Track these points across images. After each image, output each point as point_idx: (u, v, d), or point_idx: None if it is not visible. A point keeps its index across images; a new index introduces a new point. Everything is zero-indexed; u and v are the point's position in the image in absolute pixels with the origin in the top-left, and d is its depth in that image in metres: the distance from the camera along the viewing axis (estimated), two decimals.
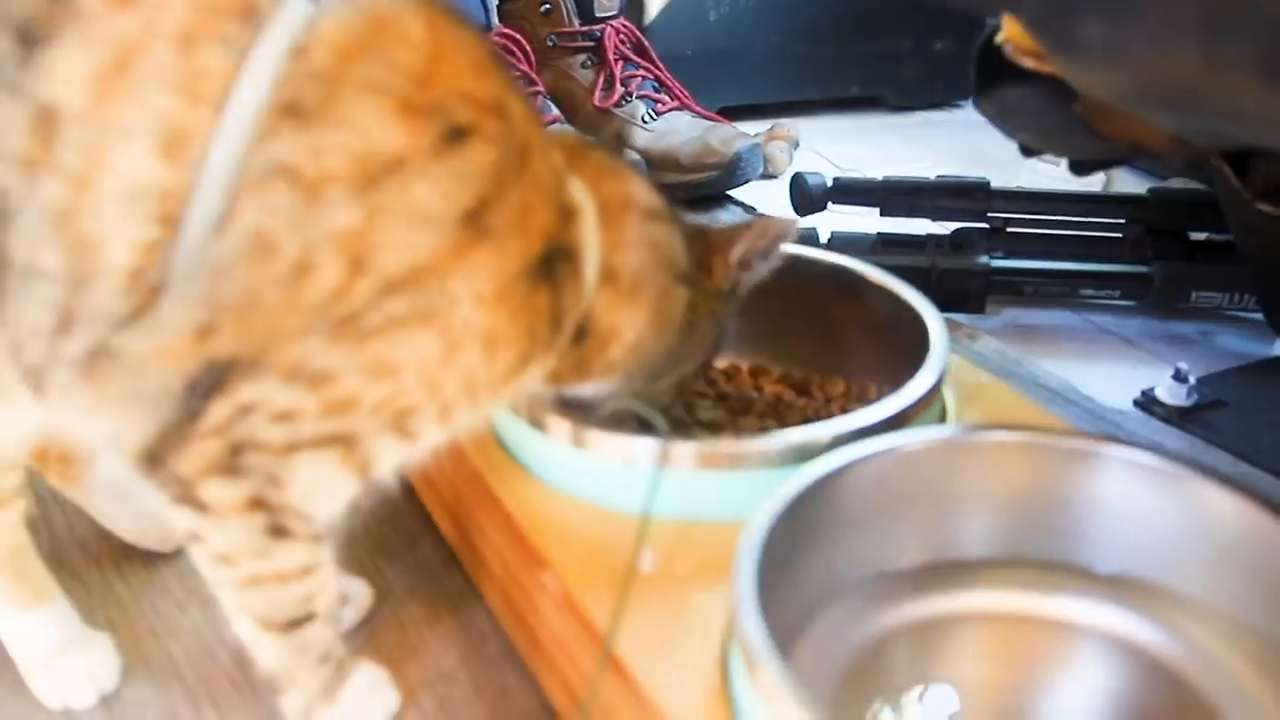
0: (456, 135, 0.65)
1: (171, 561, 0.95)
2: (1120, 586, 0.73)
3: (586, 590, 0.71)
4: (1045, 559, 0.74)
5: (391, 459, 0.70)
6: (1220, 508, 0.69)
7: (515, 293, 0.67)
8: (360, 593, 0.86)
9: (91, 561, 0.95)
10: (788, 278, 1.00)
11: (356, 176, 0.62)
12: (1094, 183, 1.62)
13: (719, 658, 0.65)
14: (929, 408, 0.83)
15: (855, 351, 1.00)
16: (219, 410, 0.64)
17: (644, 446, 0.77)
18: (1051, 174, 1.58)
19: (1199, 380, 1.16)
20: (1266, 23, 0.45)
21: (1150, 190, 1.38)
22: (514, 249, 0.67)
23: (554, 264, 0.70)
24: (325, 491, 0.69)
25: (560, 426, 0.79)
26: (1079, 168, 1.14)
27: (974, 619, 0.74)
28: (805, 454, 0.74)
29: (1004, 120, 0.98)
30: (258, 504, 0.67)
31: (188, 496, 0.66)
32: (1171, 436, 1.11)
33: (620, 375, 0.77)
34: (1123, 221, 1.37)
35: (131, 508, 0.95)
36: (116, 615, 0.89)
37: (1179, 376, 1.15)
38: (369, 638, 0.84)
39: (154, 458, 0.66)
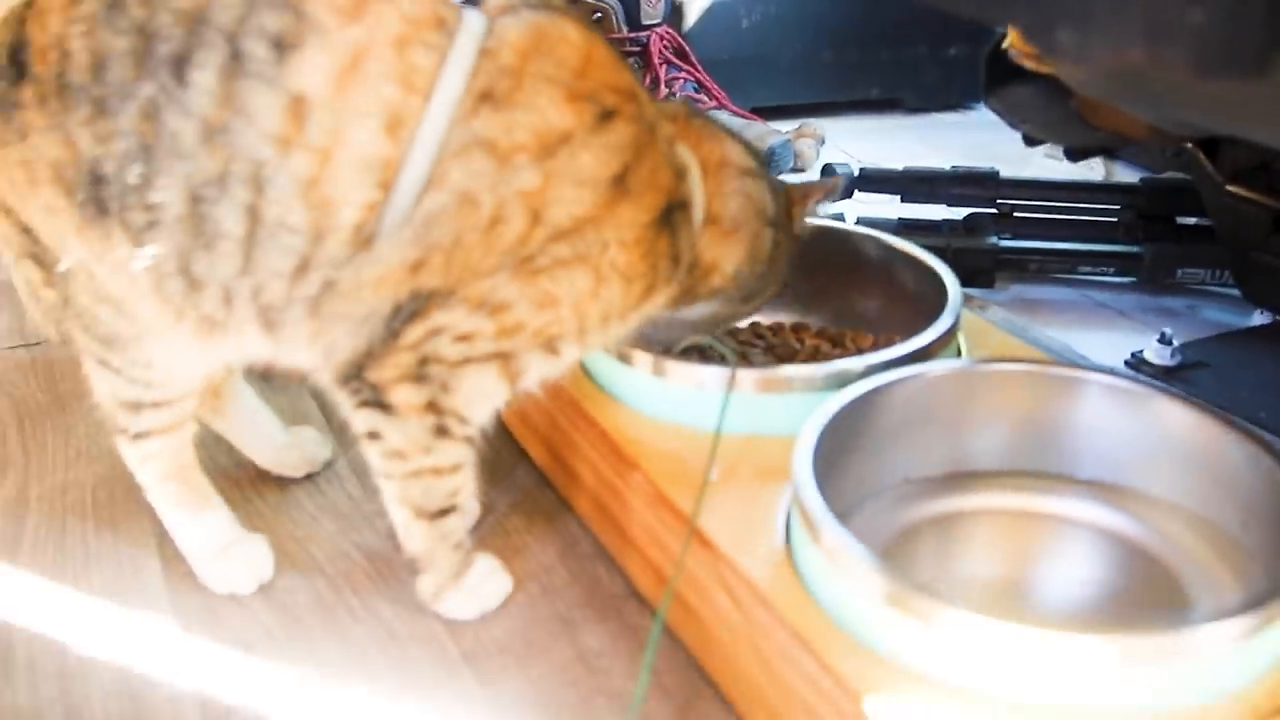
0: (606, 116, 0.81)
1: (301, 484, 1.12)
2: (1099, 488, 0.89)
3: (671, 486, 0.87)
4: (1039, 468, 0.91)
5: (538, 372, 0.87)
6: (1178, 419, 0.86)
7: (646, 238, 0.84)
8: (471, 506, 1.03)
9: (233, 484, 1.11)
10: (825, 247, 1.18)
11: (538, 148, 0.80)
12: (1095, 174, 1.78)
13: (784, 535, 0.81)
14: (947, 346, 0.99)
15: (884, 310, 1.17)
16: (415, 331, 0.82)
17: (712, 374, 0.94)
18: (1055, 167, 1.73)
19: (1182, 345, 1.31)
20: (1192, 29, 0.61)
21: (1142, 179, 1.54)
22: (647, 203, 0.83)
23: (672, 214, 0.86)
24: (483, 397, 0.87)
25: (643, 359, 0.96)
26: (1074, 154, 1.29)
27: (983, 515, 0.90)
28: (843, 380, 0.91)
29: (1010, 114, 1.13)
30: (431, 407, 0.85)
31: (378, 401, 0.84)
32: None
33: (720, 299, 0.94)
34: (1117, 207, 1.52)
35: (269, 439, 1.12)
36: (260, 526, 1.04)
37: (1164, 340, 1.30)
38: (479, 544, 0.99)
39: (356, 370, 0.84)
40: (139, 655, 0.92)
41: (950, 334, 0.99)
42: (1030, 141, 1.26)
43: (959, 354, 1.04)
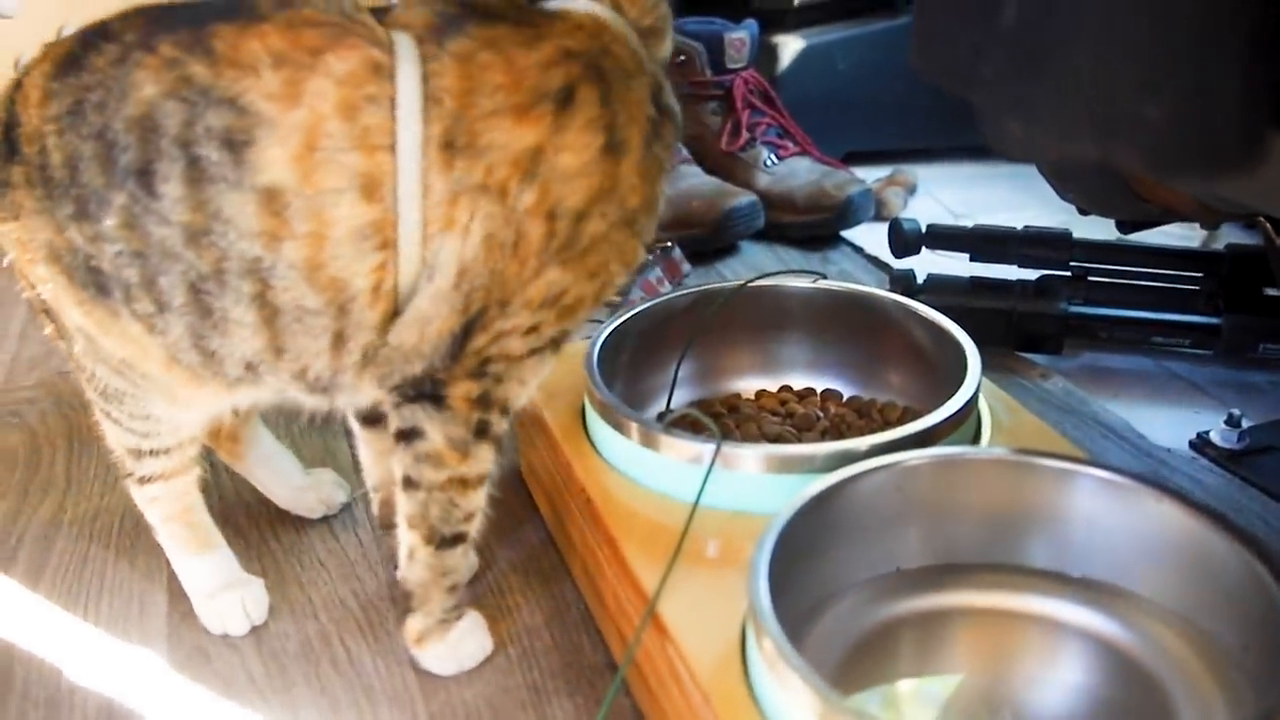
0: (564, 99, 0.82)
1: (317, 526, 1.13)
2: (1088, 587, 0.84)
3: (641, 559, 0.85)
4: (1026, 563, 0.86)
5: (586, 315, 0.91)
6: (1170, 519, 0.80)
7: (647, 159, 0.87)
8: (470, 559, 1.02)
9: (252, 522, 1.14)
10: (857, 313, 1.15)
11: (521, 172, 0.81)
12: (1193, 238, 1.69)
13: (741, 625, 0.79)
14: (958, 428, 0.95)
15: (913, 379, 1.13)
16: (479, 339, 0.85)
17: (702, 448, 0.91)
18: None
19: (1253, 427, 1.25)
20: (1147, 124, 0.57)
21: (1227, 246, 1.46)
22: (638, 138, 0.86)
23: (659, 96, 0.89)
24: (534, 378, 0.90)
25: (635, 428, 0.94)
26: (1123, 226, 1.23)
27: (966, 613, 0.86)
28: (845, 460, 0.87)
29: (1059, 183, 1.08)
30: (481, 401, 0.87)
31: (432, 395, 0.86)
32: (1215, 476, 1.20)
33: None
34: (1199, 275, 1.45)
35: (287, 481, 1.13)
36: (269, 565, 1.07)
37: (1231, 421, 1.24)
38: (473, 599, 1.00)
39: (415, 385, 0.86)
40: (126, 689, 0.94)
41: (963, 414, 0.95)
42: (1082, 211, 1.20)
43: (977, 431, 1.00)
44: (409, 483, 0.88)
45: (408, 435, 0.87)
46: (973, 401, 0.97)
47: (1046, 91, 0.59)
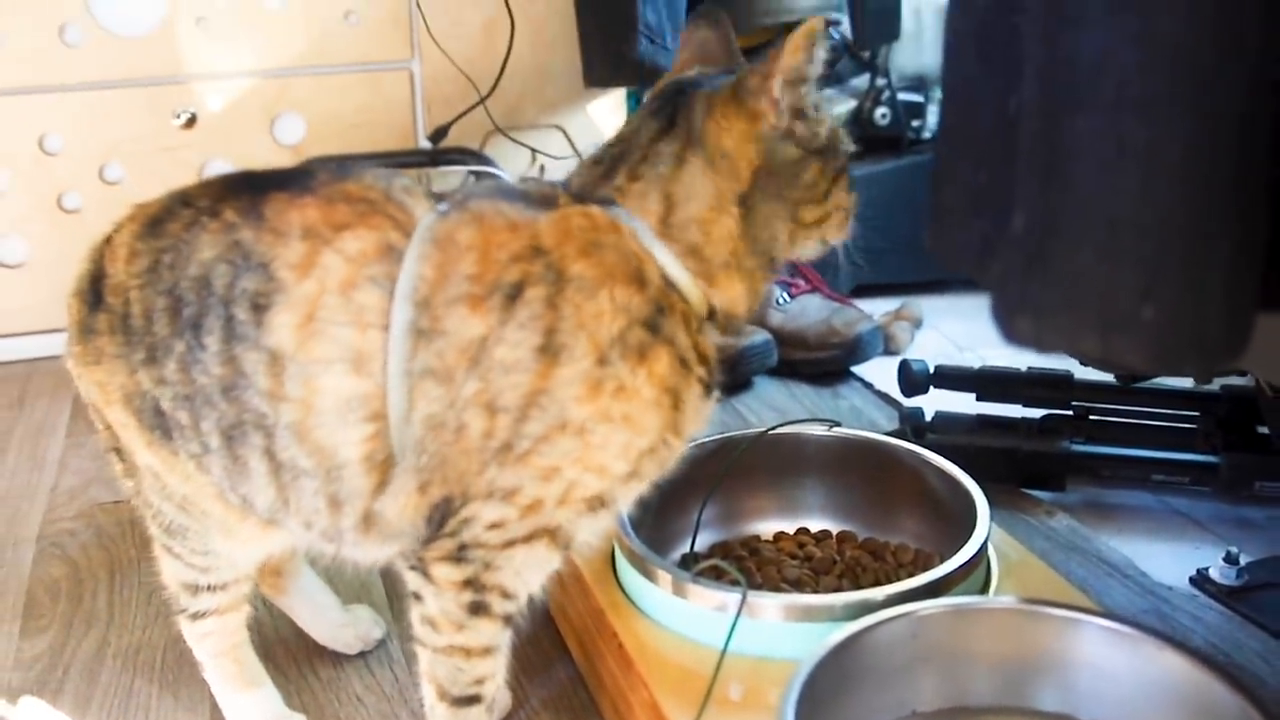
0: (512, 295, 0.83)
1: (354, 661, 1.17)
2: None
3: (672, 705, 0.90)
4: (1036, 707, 0.91)
5: (589, 531, 0.90)
6: (1173, 666, 0.86)
7: (606, 376, 0.84)
8: (503, 698, 1.07)
9: (291, 658, 1.18)
10: (868, 459, 1.21)
11: (467, 361, 0.83)
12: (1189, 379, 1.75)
13: None
14: (969, 576, 1.00)
15: (924, 524, 1.18)
16: (451, 524, 0.87)
17: (729, 597, 0.96)
18: None
19: (1251, 563, 1.29)
20: (1145, 324, 0.63)
21: (1222, 387, 1.52)
22: (587, 349, 0.83)
23: (657, 319, 0.85)
24: (534, 570, 0.90)
25: (664, 577, 1.00)
26: (1123, 379, 1.29)
27: None
28: (863, 610, 0.93)
29: None
30: (471, 584, 0.88)
31: (422, 569, 0.89)
32: (1215, 613, 1.24)
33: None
34: (1196, 414, 1.51)
35: (326, 617, 1.18)
36: (309, 701, 1.12)
37: (1230, 559, 1.28)
38: None
39: (407, 555, 0.90)
40: None
41: (974, 563, 1.01)
42: (1083, 362, 1.26)
43: (987, 578, 1.05)
44: (417, 639, 0.92)
45: (413, 595, 0.91)
46: (982, 550, 1.02)
47: (1053, 293, 0.65)
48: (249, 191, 0.89)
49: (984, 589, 1.05)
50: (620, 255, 0.86)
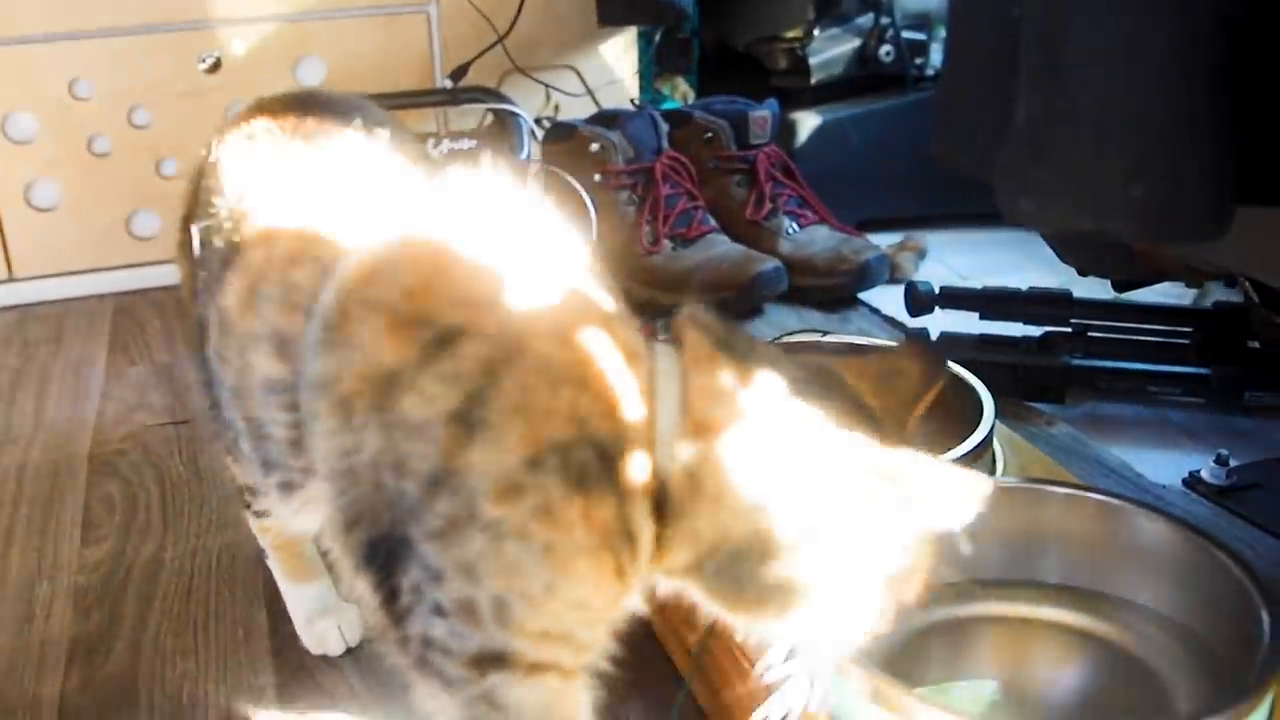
0: (444, 340, 0.67)
1: None
2: (1094, 597, 0.97)
3: None
4: (1040, 579, 0.99)
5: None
6: (1163, 535, 0.94)
7: (532, 488, 0.65)
8: None
9: None
10: None
11: (369, 395, 0.69)
12: (1183, 297, 1.82)
13: None
14: (977, 461, 1.08)
15: (935, 422, 1.25)
16: (400, 591, 0.70)
17: None
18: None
19: (1240, 466, 1.37)
20: (1133, 202, 0.71)
21: (1214, 303, 1.59)
22: (515, 443, 0.65)
23: (615, 464, 0.66)
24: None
25: None
26: (1119, 286, 1.36)
27: (987, 621, 0.99)
28: None
29: (1061, 248, 1.22)
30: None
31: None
32: (1205, 509, 1.32)
33: None
34: (1189, 330, 1.59)
35: None
36: None
37: (1220, 460, 1.36)
38: None
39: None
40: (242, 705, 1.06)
41: (981, 449, 1.08)
42: (1082, 272, 1.34)
43: (993, 466, 1.13)
44: None
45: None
46: (989, 438, 1.10)
47: (1053, 176, 0.73)
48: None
49: (992, 470, 1.12)
50: (612, 365, 0.68)
